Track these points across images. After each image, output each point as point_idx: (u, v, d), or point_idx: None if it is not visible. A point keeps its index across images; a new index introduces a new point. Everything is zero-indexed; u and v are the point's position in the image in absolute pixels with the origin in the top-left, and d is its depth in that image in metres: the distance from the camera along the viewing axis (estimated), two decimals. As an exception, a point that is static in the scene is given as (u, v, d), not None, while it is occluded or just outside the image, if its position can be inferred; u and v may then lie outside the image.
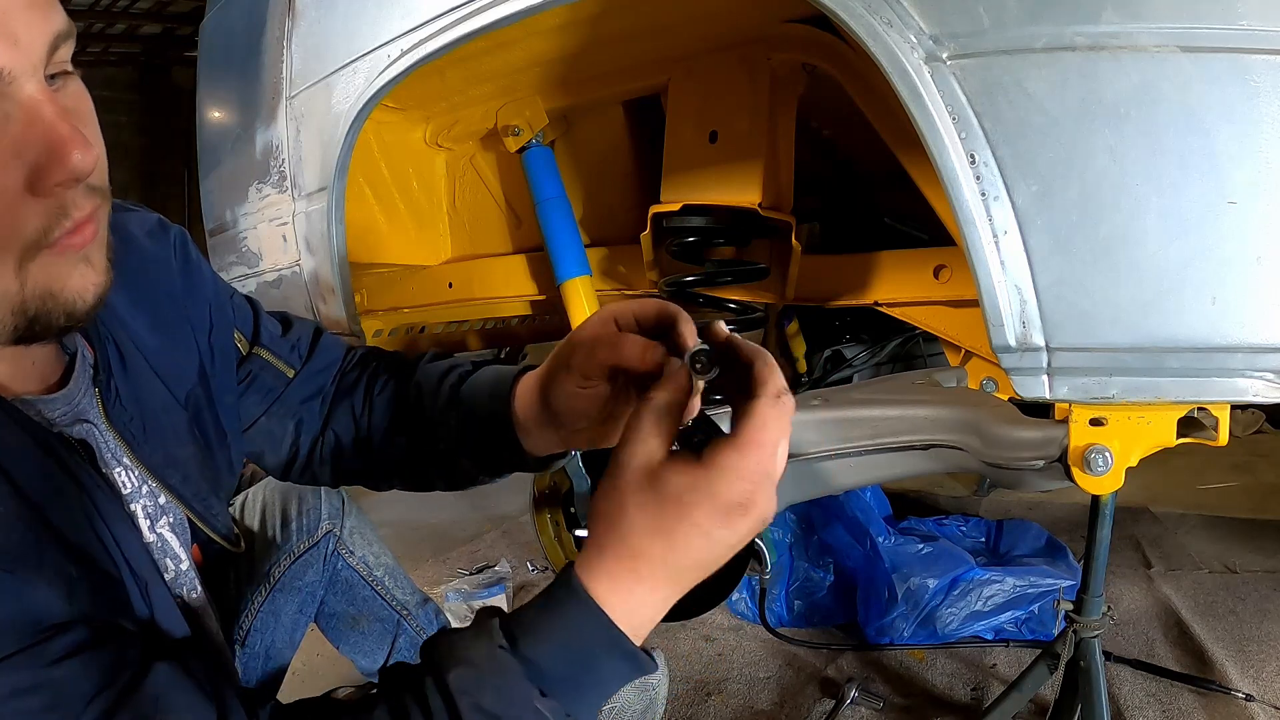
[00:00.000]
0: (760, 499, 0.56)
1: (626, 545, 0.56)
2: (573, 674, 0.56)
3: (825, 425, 1.30)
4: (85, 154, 0.53)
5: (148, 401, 0.74)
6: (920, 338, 2.17)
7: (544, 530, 1.35)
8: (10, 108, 0.51)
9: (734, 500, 0.56)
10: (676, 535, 0.56)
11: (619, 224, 1.80)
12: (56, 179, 0.53)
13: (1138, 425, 0.86)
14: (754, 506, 0.56)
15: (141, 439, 0.73)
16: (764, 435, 0.57)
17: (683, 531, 0.56)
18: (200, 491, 0.79)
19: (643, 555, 0.56)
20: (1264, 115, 0.75)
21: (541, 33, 1.33)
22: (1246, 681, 1.49)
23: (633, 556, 0.56)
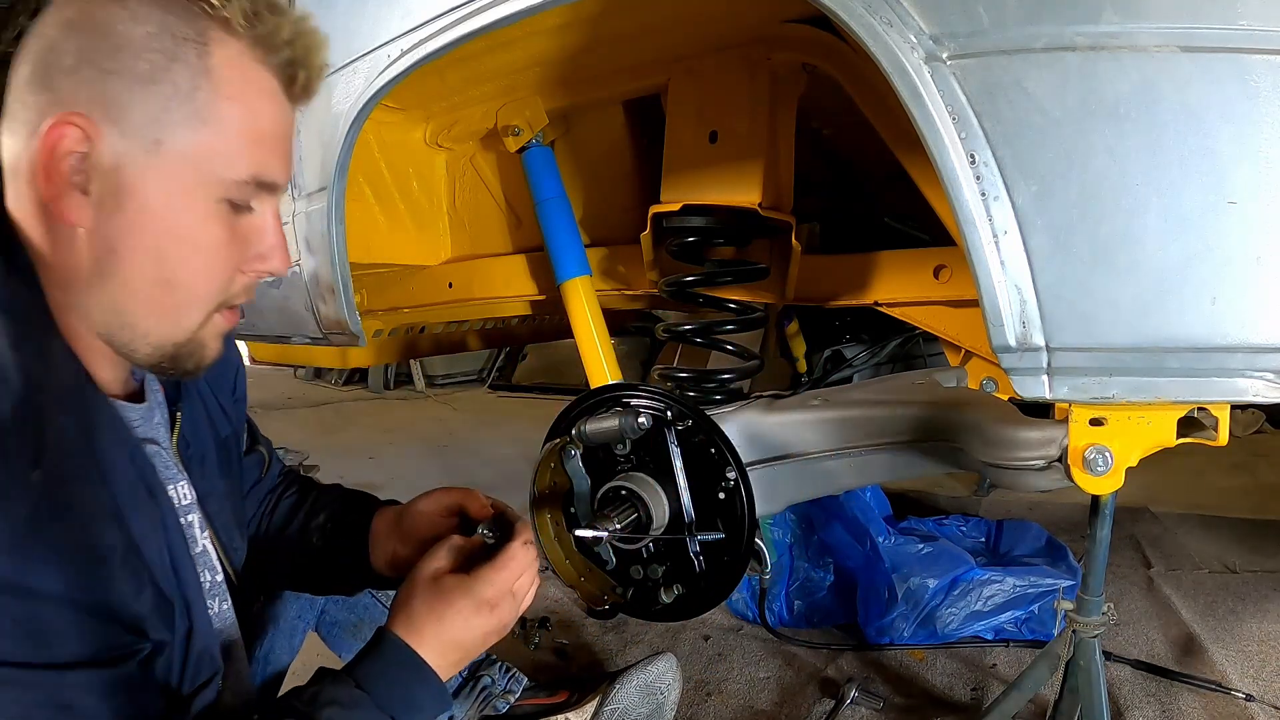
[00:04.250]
0: (505, 605, 0.86)
1: (412, 622, 0.81)
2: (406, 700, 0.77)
3: (825, 425, 1.30)
4: (282, 264, 0.76)
5: (202, 437, 0.92)
6: (920, 338, 2.17)
7: (544, 530, 1.35)
8: (265, 209, 0.74)
9: (485, 599, 0.84)
10: (445, 617, 0.81)
11: (619, 224, 1.80)
12: (259, 269, 0.75)
13: (1138, 425, 0.86)
14: (499, 608, 0.85)
15: (196, 466, 0.89)
16: (513, 562, 0.88)
17: (450, 615, 0.82)
18: (228, 524, 0.94)
19: (422, 630, 0.81)
20: (1264, 115, 0.75)
21: (541, 33, 1.33)
22: (1246, 681, 1.49)
23: (416, 631, 0.80)
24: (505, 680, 1.42)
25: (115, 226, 0.66)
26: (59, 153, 0.64)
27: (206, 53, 0.66)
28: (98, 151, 0.65)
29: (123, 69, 0.64)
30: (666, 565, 1.25)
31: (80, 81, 0.64)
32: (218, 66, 0.67)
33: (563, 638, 1.80)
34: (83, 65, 0.64)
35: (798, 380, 2.29)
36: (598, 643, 1.78)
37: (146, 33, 0.65)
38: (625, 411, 1.22)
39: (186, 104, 0.66)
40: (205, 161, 0.68)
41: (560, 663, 1.72)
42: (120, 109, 0.65)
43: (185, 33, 0.66)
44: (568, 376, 5.35)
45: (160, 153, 0.66)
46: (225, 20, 0.67)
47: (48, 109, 0.64)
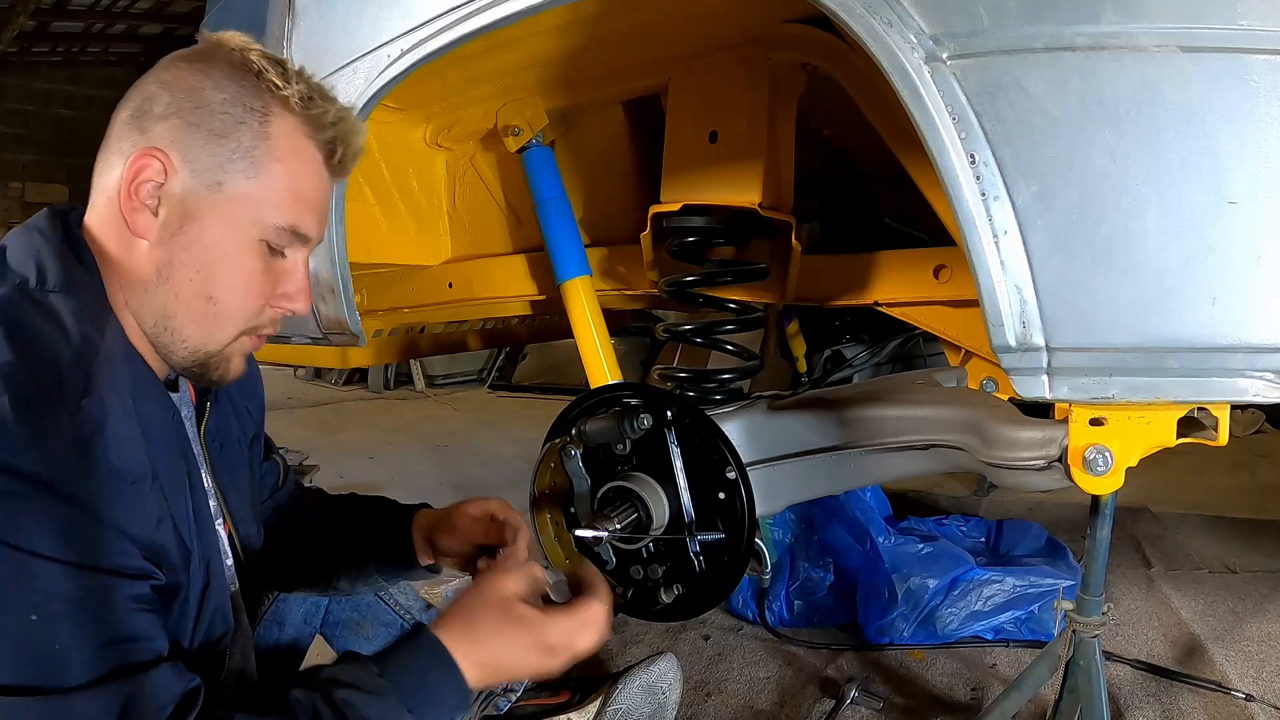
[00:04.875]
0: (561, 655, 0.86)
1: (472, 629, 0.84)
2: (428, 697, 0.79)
3: (825, 425, 1.30)
4: (305, 305, 0.90)
5: (227, 432, 1.02)
6: (920, 338, 2.17)
7: (544, 530, 1.35)
8: (297, 257, 0.89)
9: (549, 643, 0.85)
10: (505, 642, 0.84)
11: (619, 224, 1.79)
12: (284, 306, 0.89)
13: (1138, 425, 0.86)
14: (556, 656, 0.85)
15: (219, 458, 0.99)
16: (592, 624, 0.88)
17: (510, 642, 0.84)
18: (246, 518, 1.03)
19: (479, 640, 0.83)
20: (1264, 115, 0.75)
21: (541, 33, 1.33)
22: (1246, 681, 1.49)
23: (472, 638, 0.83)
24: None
25: (175, 244, 0.82)
26: (140, 178, 0.80)
27: (267, 122, 0.84)
28: (170, 183, 0.81)
29: (201, 123, 0.81)
30: (666, 565, 1.25)
31: (167, 128, 0.81)
32: (274, 134, 0.84)
33: (563, 638, 1.80)
34: (170, 115, 0.81)
35: (798, 380, 2.29)
36: (598, 643, 1.78)
37: (223, 99, 0.82)
38: (625, 411, 1.22)
39: (246, 158, 0.83)
40: (253, 205, 0.84)
41: (560, 663, 1.72)
42: (194, 153, 0.81)
43: (253, 104, 0.83)
44: (568, 376, 5.35)
45: (220, 192, 0.82)
46: (285, 99, 0.84)
47: (138, 143, 0.81)
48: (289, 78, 0.85)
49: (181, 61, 0.85)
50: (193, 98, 0.82)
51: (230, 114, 0.82)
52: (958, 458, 1.14)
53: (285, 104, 0.85)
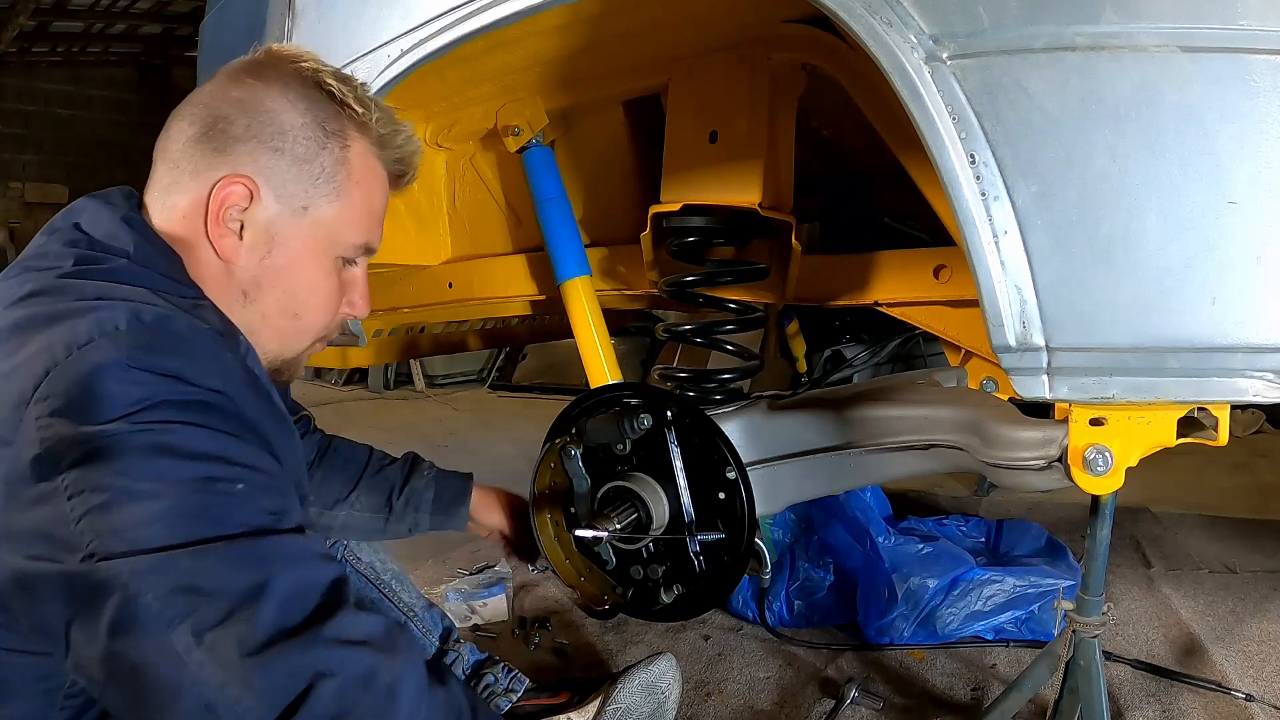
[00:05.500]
0: None
1: None
2: None
3: (826, 425, 1.30)
4: (365, 309, 0.95)
5: None
6: (920, 338, 2.17)
7: (544, 530, 1.35)
8: (360, 266, 0.94)
9: None
10: None
11: (619, 224, 1.79)
12: (348, 312, 0.94)
13: (1138, 425, 0.86)
14: None
15: None
16: None
17: None
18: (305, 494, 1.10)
19: None
20: (1264, 115, 0.75)
21: (541, 33, 1.33)
22: (1246, 681, 1.49)
23: None
24: (507, 679, 1.42)
25: (262, 267, 0.85)
26: (227, 204, 0.81)
27: (346, 145, 0.86)
28: (256, 208, 0.83)
29: (284, 148, 0.83)
30: (666, 565, 1.25)
31: (248, 152, 0.82)
32: (353, 158, 0.87)
33: (563, 638, 1.80)
34: (250, 138, 0.82)
35: (798, 380, 2.29)
36: (598, 643, 1.78)
37: (303, 122, 0.83)
38: (625, 411, 1.22)
39: (329, 183, 0.85)
40: (335, 228, 0.87)
41: (560, 663, 1.72)
42: (279, 179, 0.83)
43: (333, 128, 0.85)
44: (568, 376, 5.35)
45: (305, 216, 0.85)
46: (362, 124, 0.87)
47: (221, 166, 0.82)
48: (364, 101, 0.87)
49: (252, 78, 0.84)
50: (273, 121, 0.82)
51: (312, 139, 0.84)
52: (958, 458, 1.14)
53: (362, 128, 0.87)
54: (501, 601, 1.92)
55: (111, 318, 0.69)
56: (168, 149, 0.85)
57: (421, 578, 2.12)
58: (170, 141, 0.85)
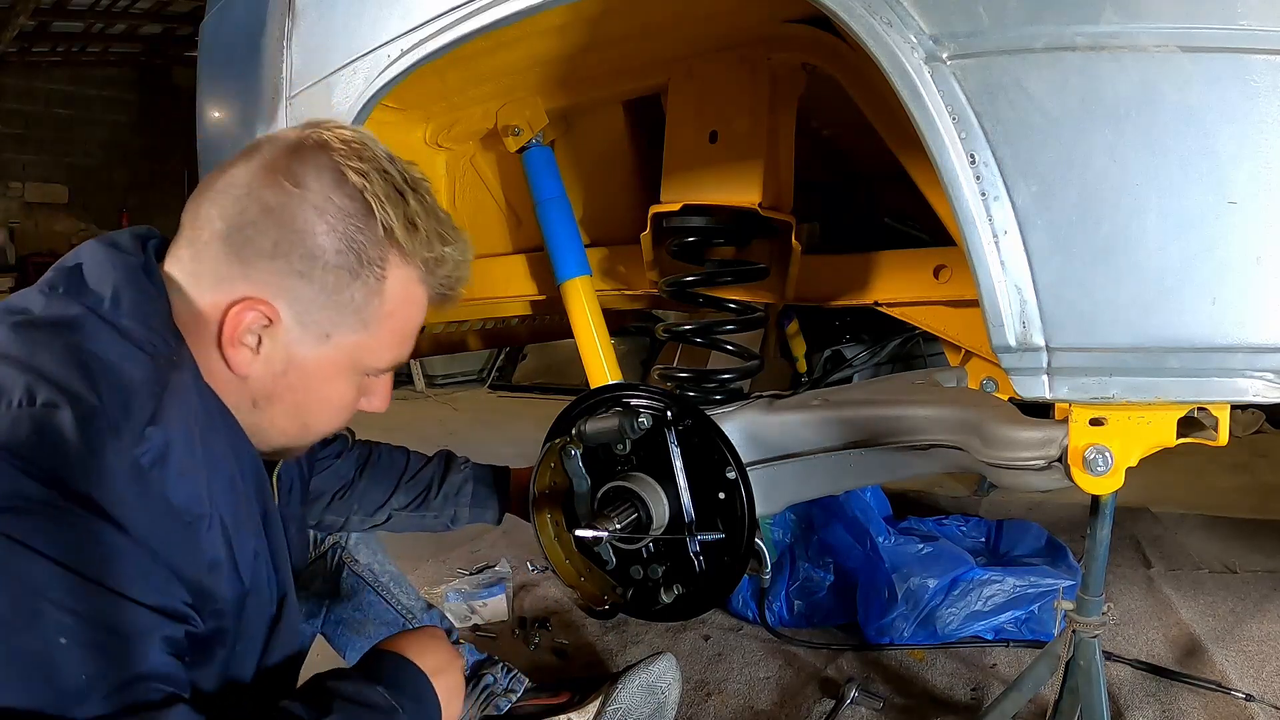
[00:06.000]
0: None
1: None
2: None
3: (825, 425, 1.30)
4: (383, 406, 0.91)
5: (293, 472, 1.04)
6: (920, 338, 2.17)
7: (544, 530, 1.35)
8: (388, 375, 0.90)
9: None
10: None
11: (619, 224, 1.79)
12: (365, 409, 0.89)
13: (1138, 425, 0.86)
14: None
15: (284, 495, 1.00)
16: None
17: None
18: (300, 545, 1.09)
19: None
20: (1264, 115, 0.75)
21: (541, 33, 1.33)
22: (1246, 681, 1.49)
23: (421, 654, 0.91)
24: (507, 680, 1.42)
25: (275, 383, 0.80)
26: (243, 326, 0.76)
27: (383, 277, 0.79)
28: (275, 329, 0.78)
29: (313, 276, 0.76)
30: (666, 565, 1.25)
31: (273, 272, 0.76)
32: (389, 288, 0.80)
33: (563, 638, 1.80)
34: (278, 258, 0.76)
35: (798, 380, 2.29)
36: (598, 643, 1.78)
37: (338, 247, 0.76)
38: (625, 411, 1.22)
39: (357, 314, 0.79)
40: (359, 354, 0.82)
41: (560, 663, 1.72)
42: (303, 306, 0.77)
43: (371, 255, 0.78)
44: (568, 376, 5.34)
45: (327, 343, 0.80)
46: (406, 252, 0.79)
47: (239, 282, 0.76)
48: (414, 221, 0.79)
49: (290, 181, 0.76)
50: (303, 242, 0.76)
51: (344, 267, 0.77)
52: (958, 458, 1.14)
53: (406, 255, 0.80)
54: (501, 601, 1.92)
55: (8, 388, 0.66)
56: (196, 232, 0.78)
57: (421, 578, 2.12)
58: (198, 224, 0.78)
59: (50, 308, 0.73)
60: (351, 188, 0.77)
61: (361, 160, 0.78)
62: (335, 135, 0.79)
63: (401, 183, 0.80)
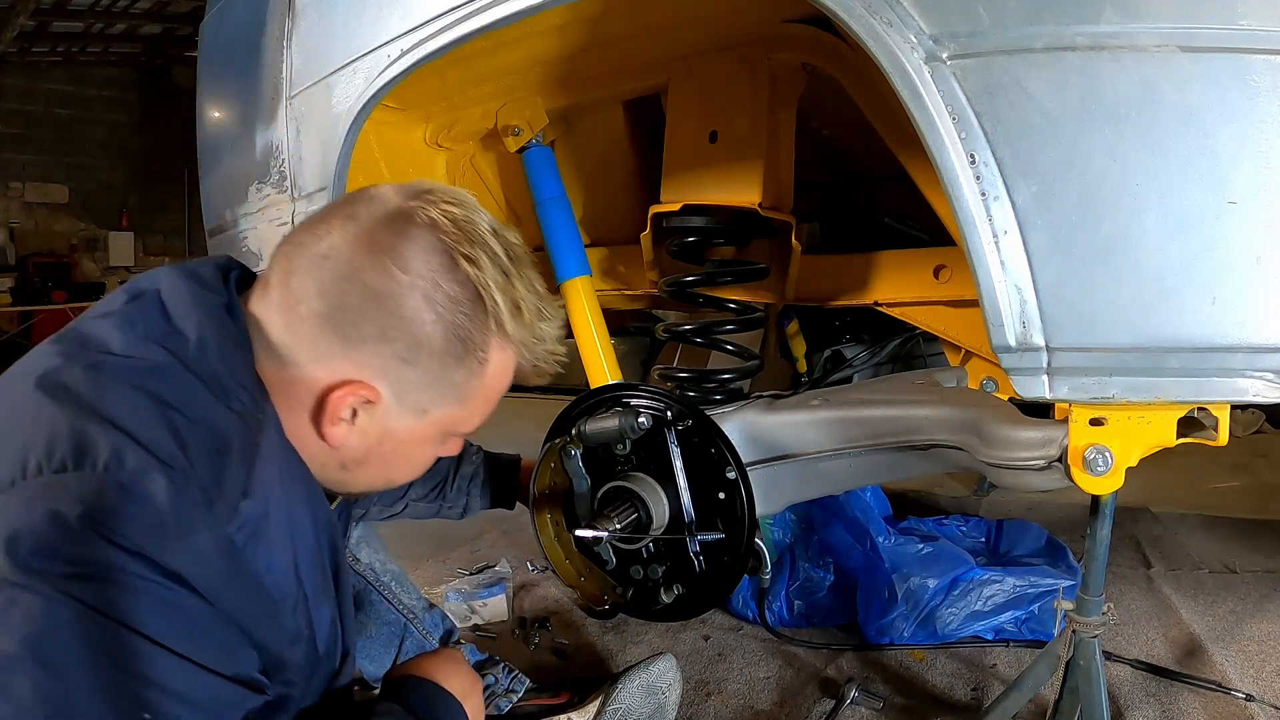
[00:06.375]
0: None
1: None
2: None
3: (825, 425, 1.30)
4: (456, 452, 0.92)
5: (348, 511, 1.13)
6: (920, 338, 2.17)
7: (544, 530, 1.35)
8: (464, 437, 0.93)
9: None
10: None
11: (619, 224, 1.79)
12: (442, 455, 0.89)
13: (1138, 425, 0.86)
14: None
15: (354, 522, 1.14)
16: None
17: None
18: None
19: None
20: (1264, 115, 0.75)
21: (541, 33, 1.33)
22: (1246, 681, 1.49)
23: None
24: (508, 680, 1.42)
25: (368, 452, 0.81)
26: (344, 404, 0.76)
27: (485, 361, 0.79)
28: (374, 407, 0.78)
29: (417, 362, 0.76)
30: (666, 565, 1.25)
31: (376, 355, 0.75)
32: (490, 369, 0.80)
33: (563, 638, 1.80)
34: (384, 343, 0.75)
35: (798, 380, 2.29)
36: (598, 643, 1.78)
37: (445, 337, 0.76)
38: (625, 411, 1.22)
39: (456, 393, 0.80)
40: (452, 425, 0.83)
41: (560, 663, 1.72)
42: (404, 387, 0.77)
43: (475, 342, 0.77)
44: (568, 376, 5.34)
45: (423, 418, 0.80)
46: (509, 336, 0.79)
47: (341, 361, 0.75)
48: (517, 305, 0.78)
49: (396, 267, 0.73)
50: (410, 331, 0.74)
51: (448, 354, 0.76)
52: (958, 458, 1.14)
53: (508, 338, 0.79)
54: (501, 601, 1.92)
55: (93, 446, 0.63)
56: (290, 299, 0.75)
57: (422, 578, 2.12)
58: (293, 292, 0.75)
59: (131, 347, 0.71)
60: (462, 274, 0.75)
61: (471, 243, 0.75)
62: (443, 213, 0.75)
63: (507, 262, 0.78)
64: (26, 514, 0.61)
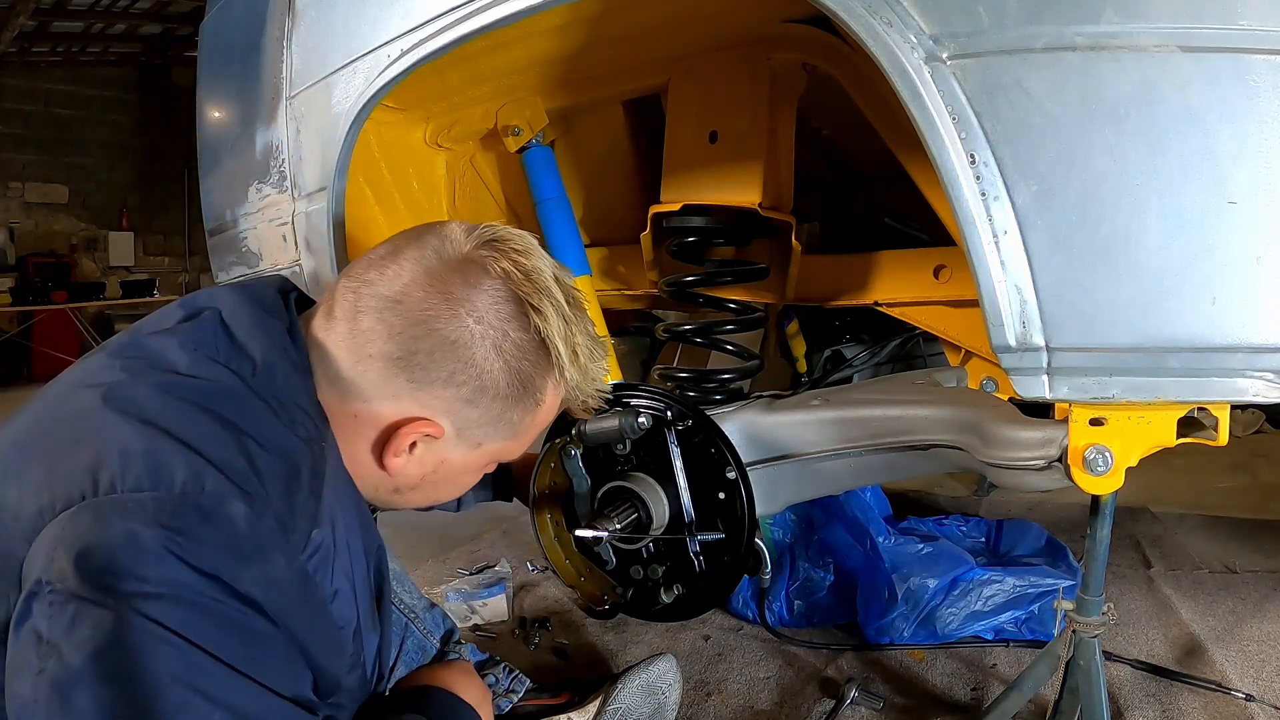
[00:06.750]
0: None
1: None
2: None
3: (825, 425, 1.30)
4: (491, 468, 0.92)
5: None
6: (920, 338, 2.17)
7: (544, 530, 1.35)
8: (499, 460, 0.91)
9: None
10: None
11: (619, 224, 1.80)
12: None
13: (1138, 425, 0.86)
14: None
15: None
16: None
17: None
18: None
19: None
20: (1264, 115, 0.75)
21: (541, 33, 1.33)
22: (1246, 681, 1.49)
23: None
24: (509, 680, 1.42)
25: (422, 479, 0.84)
26: (409, 438, 0.79)
27: (542, 401, 0.83)
28: (434, 442, 0.81)
29: (480, 403, 0.79)
30: (666, 565, 1.25)
31: (442, 398, 0.78)
32: (543, 409, 0.84)
33: (563, 638, 1.80)
34: (451, 386, 0.78)
35: (798, 380, 2.29)
36: (598, 643, 1.78)
37: (509, 382, 0.79)
38: (625, 411, 1.22)
39: (511, 429, 0.83)
40: (500, 455, 0.87)
41: (560, 663, 1.72)
42: (466, 423, 0.81)
43: (536, 386, 0.81)
44: (568, 376, 5.33)
45: (478, 449, 0.84)
46: (565, 376, 0.82)
47: (407, 401, 0.78)
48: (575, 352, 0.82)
49: (469, 317, 0.76)
50: (478, 377, 0.78)
51: (509, 397, 0.80)
52: (958, 458, 1.14)
53: (564, 382, 0.83)
54: (501, 601, 1.92)
55: (170, 467, 0.64)
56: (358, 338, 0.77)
57: (422, 577, 2.12)
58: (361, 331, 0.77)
59: (197, 367, 0.72)
60: (531, 325, 0.79)
61: (539, 293, 0.79)
62: (514, 264, 0.78)
63: (568, 309, 0.82)
64: (100, 530, 0.61)
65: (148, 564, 0.61)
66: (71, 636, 0.59)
